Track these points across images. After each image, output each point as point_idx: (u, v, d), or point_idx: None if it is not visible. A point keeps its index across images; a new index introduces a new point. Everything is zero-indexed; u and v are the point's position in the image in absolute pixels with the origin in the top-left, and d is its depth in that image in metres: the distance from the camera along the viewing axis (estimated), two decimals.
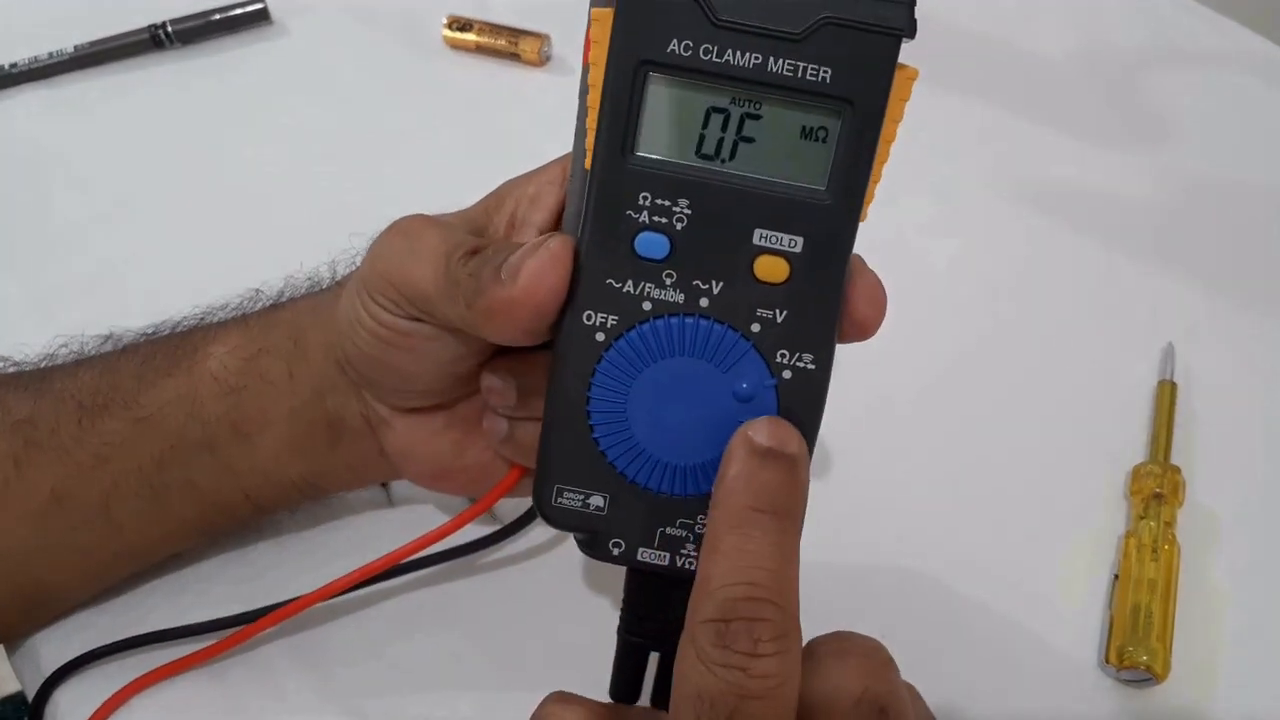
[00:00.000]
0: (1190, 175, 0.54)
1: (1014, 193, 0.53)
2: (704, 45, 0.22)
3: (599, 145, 0.23)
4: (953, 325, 0.47)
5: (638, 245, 0.23)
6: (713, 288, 0.23)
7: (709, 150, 0.23)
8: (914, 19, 0.22)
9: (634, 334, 0.24)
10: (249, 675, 0.36)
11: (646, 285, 0.23)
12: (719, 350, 0.24)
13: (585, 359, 0.24)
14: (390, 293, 0.30)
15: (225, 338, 0.34)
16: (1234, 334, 0.46)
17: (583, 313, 0.24)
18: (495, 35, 0.58)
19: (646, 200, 0.23)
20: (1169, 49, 0.61)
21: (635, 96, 0.22)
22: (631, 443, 0.24)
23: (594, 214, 0.23)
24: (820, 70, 0.22)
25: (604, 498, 0.25)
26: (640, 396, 0.24)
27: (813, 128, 0.23)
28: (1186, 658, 0.36)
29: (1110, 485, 0.41)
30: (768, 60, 0.22)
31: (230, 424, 0.33)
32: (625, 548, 0.25)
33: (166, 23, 0.57)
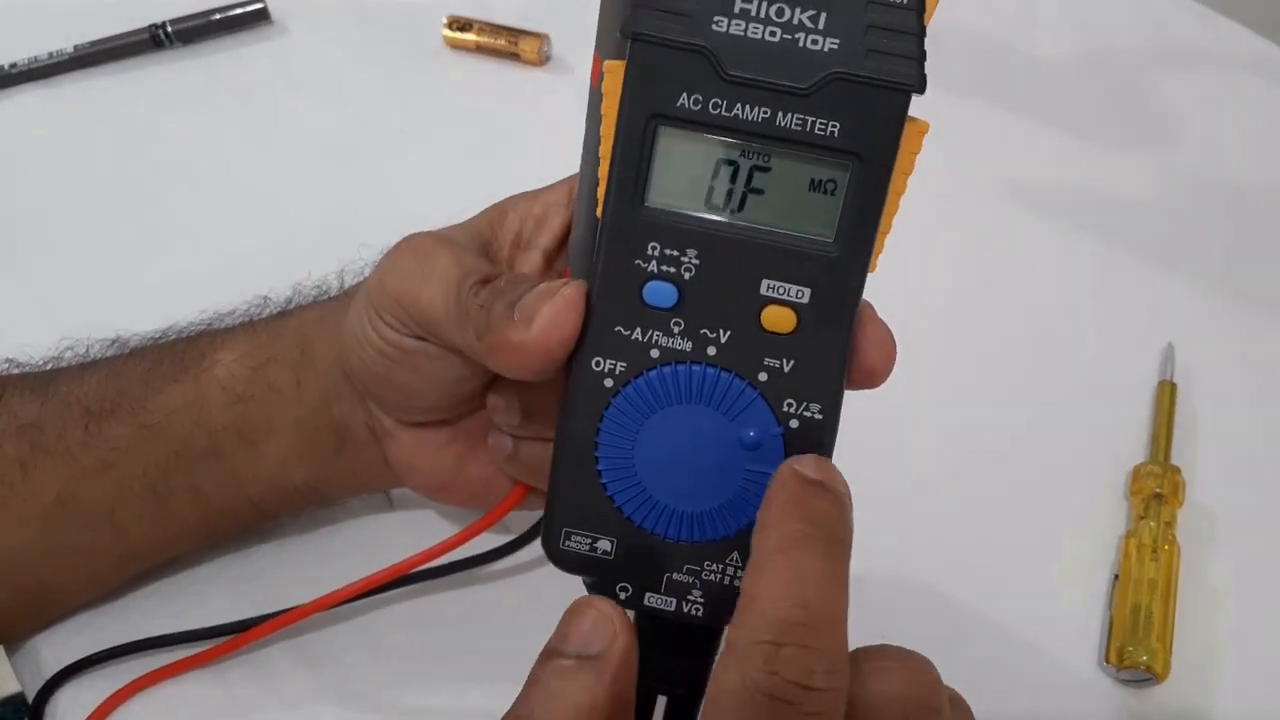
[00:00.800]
0: (1190, 175, 0.54)
1: (1014, 192, 0.53)
2: (713, 99, 0.22)
3: (609, 195, 0.23)
4: (952, 325, 0.47)
5: (646, 294, 0.23)
6: (720, 336, 0.24)
7: (718, 201, 0.23)
8: (924, 75, 0.22)
9: (641, 381, 0.24)
10: (248, 675, 0.36)
11: (655, 333, 0.24)
12: (726, 398, 0.24)
13: (593, 404, 0.24)
14: (398, 312, 0.30)
15: (233, 345, 0.34)
16: (1234, 334, 0.46)
17: (591, 359, 0.24)
18: (495, 35, 0.58)
19: (655, 250, 0.23)
20: (1169, 49, 0.61)
21: (646, 148, 0.23)
22: (639, 488, 0.24)
23: (604, 262, 0.23)
24: (829, 125, 0.22)
25: (611, 542, 0.25)
26: (647, 443, 0.24)
27: (821, 180, 0.23)
28: (1186, 658, 0.36)
29: (1110, 485, 0.41)
30: (776, 114, 0.22)
31: (237, 431, 0.33)
32: (632, 592, 0.25)
33: (166, 23, 0.57)
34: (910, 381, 0.44)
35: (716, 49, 0.22)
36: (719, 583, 0.25)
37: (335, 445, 0.34)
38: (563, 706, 0.22)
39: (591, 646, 0.22)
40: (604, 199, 0.23)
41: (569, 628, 0.23)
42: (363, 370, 0.32)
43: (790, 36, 0.22)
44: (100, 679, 0.35)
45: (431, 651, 0.37)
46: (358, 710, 0.35)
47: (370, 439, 0.34)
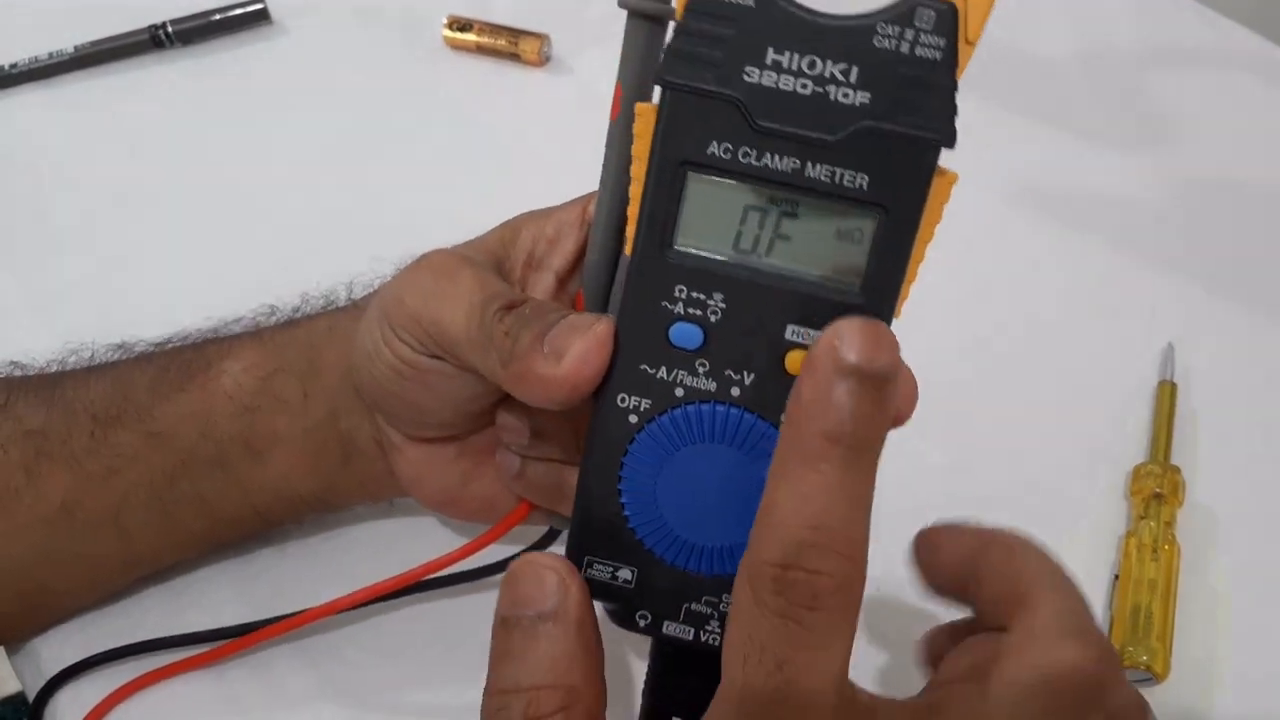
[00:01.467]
0: (1190, 175, 0.54)
1: (1013, 192, 0.53)
2: (743, 148, 0.22)
3: (639, 237, 0.23)
4: (952, 325, 0.47)
5: (672, 335, 0.24)
6: (744, 378, 0.24)
7: (745, 246, 0.23)
8: (954, 129, 0.22)
9: (666, 418, 0.24)
10: (248, 673, 0.36)
11: (679, 373, 0.24)
12: (748, 439, 0.24)
13: (618, 439, 0.25)
14: (415, 330, 0.29)
15: (240, 354, 0.34)
16: (1234, 334, 0.46)
17: (617, 395, 0.24)
18: (495, 35, 0.58)
19: (683, 293, 0.23)
20: (1169, 49, 0.61)
21: (675, 193, 0.23)
22: (660, 522, 0.25)
23: (632, 302, 0.24)
24: (858, 177, 0.22)
25: (632, 571, 0.25)
26: (670, 478, 0.24)
27: (848, 229, 0.23)
28: (1186, 657, 0.36)
29: (1110, 485, 0.41)
30: (805, 165, 0.22)
31: (243, 442, 0.33)
32: (651, 620, 0.25)
33: (166, 23, 0.57)
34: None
35: (748, 99, 0.22)
36: None
37: (342, 457, 0.34)
38: (541, 667, 0.22)
39: (548, 604, 0.23)
40: (633, 239, 0.23)
41: (517, 592, 0.23)
42: (374, 386, 0.31)
43: (821, 89, 0.22)
44: (101, 679, 0.35)
45: (433, 651, 0.37)
46: (358, 709, 0.35)
47: (377, 452, 0.34)
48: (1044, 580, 0.25)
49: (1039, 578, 0.25)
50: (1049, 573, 0.25)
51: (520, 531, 0.34)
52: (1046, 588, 0.24)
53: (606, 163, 0.28)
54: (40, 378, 0.36)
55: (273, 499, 0.34)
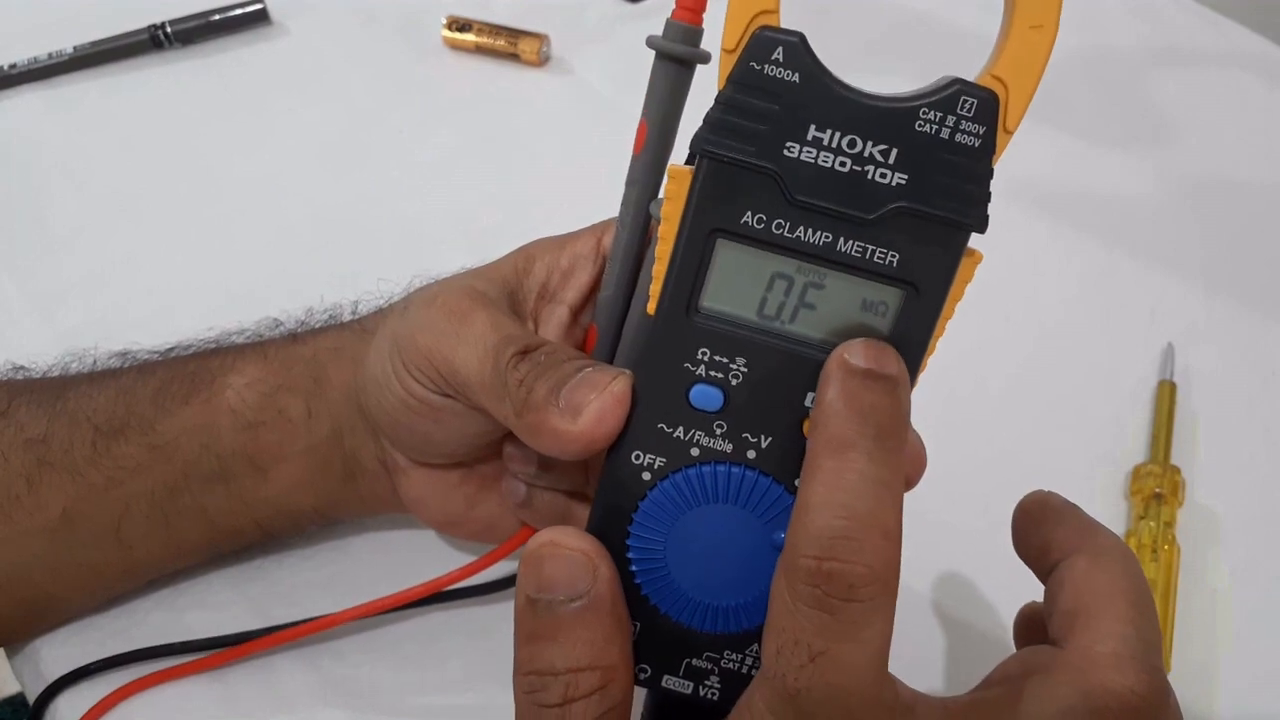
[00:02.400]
0: (1190, 175, 0.54)
1: (1013, 192, 0.53)
2: (777, 220, 0.22)
3: (665, 296, 0.23)
4: (952, 325, 0.47)
5: (692, 396, 0.24)
6: (761, 441, 0.24)
7: (770, 312, 0.23)
8: (987, 215, 0.23)
9: (679, 476, 0.24)
10: (247, 675, 0.36)
11: (697, 433, 0.24)
12: (762, 501, 0.24)
13: (629, 495, 0.24)
14: (429, 370, 0.29)
15: (244, 369, 0.34)
16: (1234, 334, 0.46)
17: (632, 451, 0.24)
18: (494, 35, 0.58)
19: (705, 355, 0.23)
20: (1169, 49, 0.61)
21: (705, 257, 0.23)
22: (667, 579, 0.25)
23: (653, 361, 0.24)
24: (889, 255, 0.22)
25: (635, 625, 0.25)
26: (679, 536, 0.24)
27: (874, 301, 0.23)
28: (1186, 658, 0.36)
29: (1110, 485, 0.41)
30: (838, 240, 0.22)
31: (246, 457, 0.33)
32: (651, 673, 0.25)
33: (166, 23, 0.57)
34: None
35: (786, 173, 0.22)
36: (736, 671, 0.25)
37: (345, 475, 0.34)
38: (577, 649, 0.23)
39: (578, 587, 0.23)
40: (657, 298, 0.23)
41: (543, 574, 0.23)
42: (382, 413, 0.31)
43: (860, 168, 0.22)
44: (100, 684, 0.35)
45: (434, 656, 0.37)
46: (359, 712, 0.35)
47: (381, 470, 0.34)
48: (1116, 600, 0.24)
49: (1112, 597, 0.24)
50: (1124, 592, 0.24)
51: None
52: (1115, 609, 0.24)
53: (626, 200, 0.28)
54: (42, 384, 0.36)
55: (274, 513, 0.34)
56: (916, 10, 0.62)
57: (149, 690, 0.35)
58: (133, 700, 0.35)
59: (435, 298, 0.30)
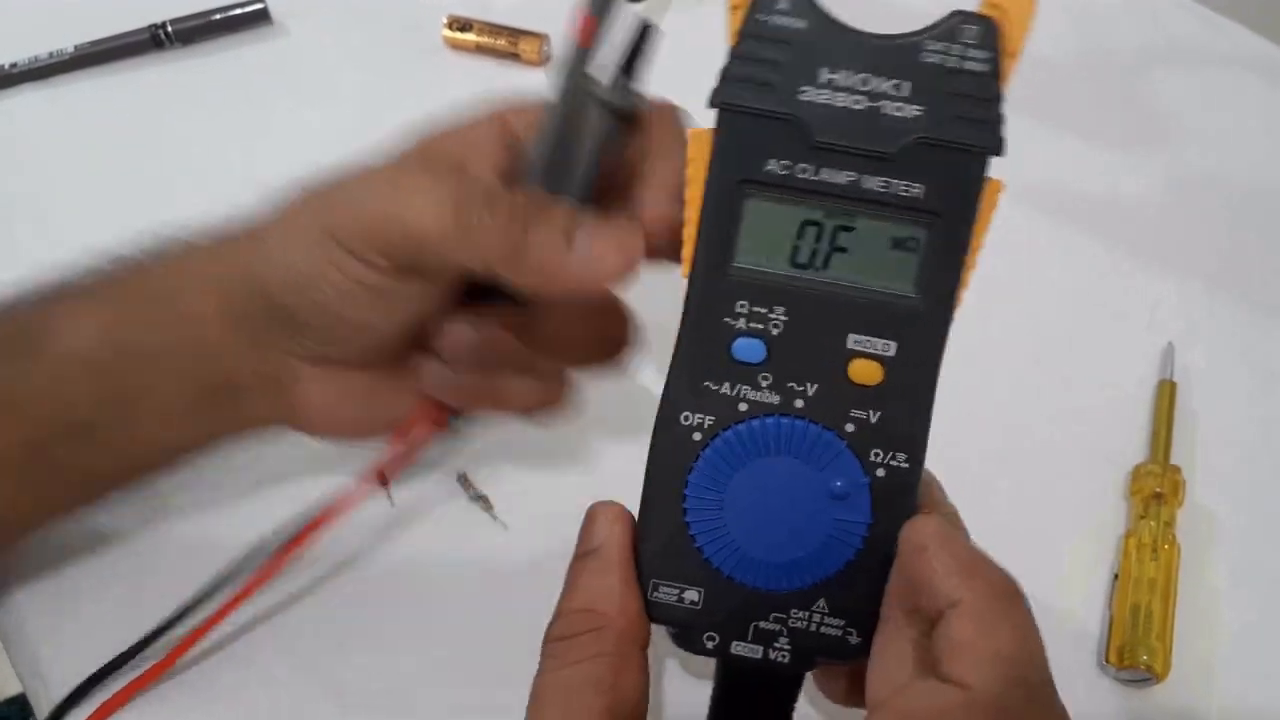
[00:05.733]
0: (1190, 175, 0.54)
1: (1013, 192, 0.52)
2: (801, 165, 0.23)
3: (699, 256, 0.24)
4: (951, 325, 0.47)
5: (735, 350, 0.24)
6: (808, 389, 0.24)
7: (803, 260, 0.24)
8: (1002, 138, 0.23)
9: (730, 433, 0.24)
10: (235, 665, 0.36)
11: (743, 387, 0.24)
12: (814, 449, 0.24)
13: (682, 457, 0.25)
14: (377, 242, 0.28)
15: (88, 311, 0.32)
16: (1234, 334, 0.46)
17: (681, 413, 0.24)
18: (495, 35, 0.58)
19: (744, 308, 0.24)
20: (1168, 49, 0.61)
21: (734, 212, 0.23)
22: (727, 539, 0.25)
23: (693, 320, 0.24)
24: (913, 187, 0.23)
25: (699, 592, 0.25)
26: (736, 494, 0.24)
27: (904, 238, 0.23)
28: (1186, 657, 0.36)
29: (1110, 485, 0.41)
30: (862, 177, 0.23)
31: (105, 403, 0.31)
32: (719, 641, 0.25)
33: (166, 23, 0.57)
34: None
35: (805, 117, 0.23)
36: (806, 629, 0.25)
37: (220, 400, 0.32)
38: (580, 595, 0.25)
39: (595, 541, 0.25)
40: (692, 260, 0.24)
41: (582, 532, 0.26)
42: (314, 312, 0.30)
43: (875, 104, 0.23)
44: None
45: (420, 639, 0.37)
46: (337, 686, 0.35)
47: (263, 387, 0.32)
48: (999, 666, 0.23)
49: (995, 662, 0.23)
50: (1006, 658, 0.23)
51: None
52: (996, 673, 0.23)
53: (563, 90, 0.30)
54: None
55: (149, 453, 0.33)
56: (915, 10, 0.62)
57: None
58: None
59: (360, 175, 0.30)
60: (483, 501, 0.40)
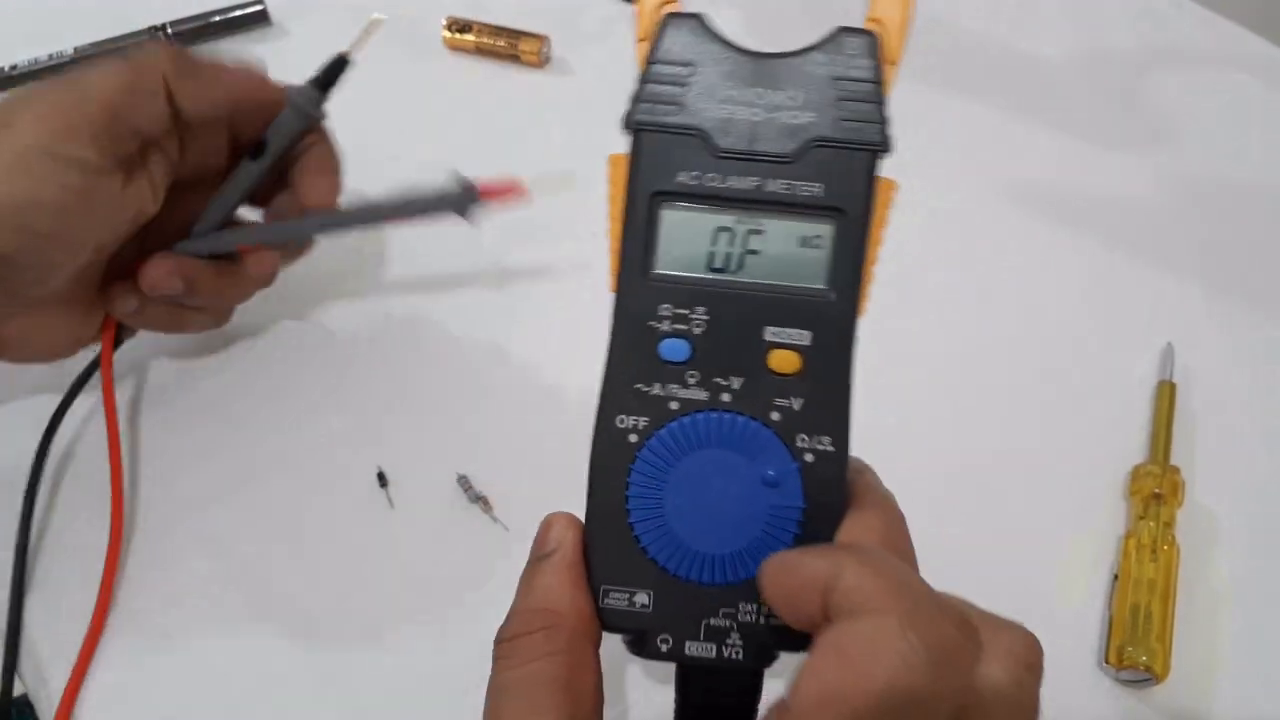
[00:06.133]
0: (1189, 175, 0.54)
1: (1013, 193, 0.53)
2: (709, 174, 0.25)
3: (623, 267, 0.25)
4: (952, 325, 0.47)
5: (662, 350, 0.25)
6: (733, 383, 0.25)
7: (719, 264, 0.25)
8: (888, 136, 0.25)
9: (664, 432, 0.25)
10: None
11: (672, 386, 0.25)
12: (744, 439, 0.25)
13: (621, 460, 0.25)
14: (79, 133, 0.33)
15: None
16: (1233, 334, 0.46)
17: (615, 417, 0.25)
18: (495, 37, 0.58)
19: (668, 311, 0.25)
20: (1168, 50, 0.61)
21: (652, 222, 0.25)
22: (670, 536, 0.25)
23: (621, 327, 0.25)
24: (813, 185, 0.25)
25: (649, 595, 0.25)
26: (675, 490, 0.25)
27: (810, 236, 0.25)
28: (1186, 658, 0.36)
29: (1110, 486, 0.41)
30: (765, 181, 0.25)
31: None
32: (673, 644, 0.25)
33: (166, 24, 0.58)
34: (909, 381, 0.44)
35: (709, 129, 0.25)
36: (754, 623, 0.25)
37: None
38: (533, 596, 0.25)
39: (548, 547, 0.26)
40: (617, 273, 0.25)
41: (535, 541, 0.26)
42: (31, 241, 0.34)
43: (771, 114, 0.25)
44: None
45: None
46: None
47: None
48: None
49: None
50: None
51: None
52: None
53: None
54: None
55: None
56: (923, 13, 0.62)
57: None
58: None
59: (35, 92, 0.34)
60: (482, 503, 0.40)
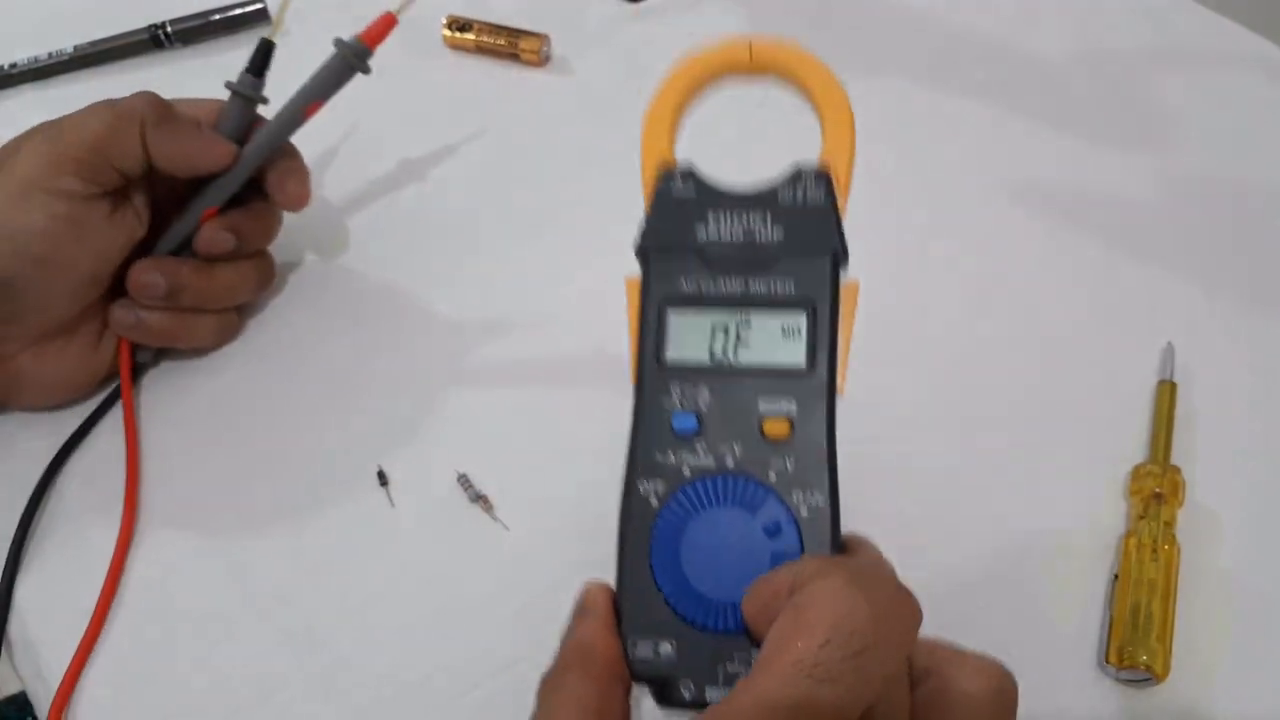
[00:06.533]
0: (1190, 175, 0.54)
1: (1013, 193, 0.53)
2: (704, 282, 0.31)
3: (641, 361, 0.31)
4: (952, 325, 0.47)
5: (674, 424, 0.30)
6: (735, 449, 0.29)
7: (718, 352, 0.30)
8: (845, 246, 0.30)
9: (679, 494, 0.29)
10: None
11: (684, 454, 0.29)
12: (747, 497, 0.29)
13: (644, 521, 0.29)
14: (66, 169, 0.37)
15: None
16: (1233, 333, 0.47)
17: (639, 485, 0.29)
18: (495, 35, 0.58)
19: (677, 390, 0.30)
20: (1168, 50, 0.61)
21: (662, 323, 0.31)
22: (688, 588, 0.28)
23: (640, 407, 0.30)
24: (787, 285, 0.30)
25: (671, 644, 0.28)
26: (690, 546, 0.29)
27: (789, 325, 0.30)
28: (1186, 657, 0.36)
29: (1110, 485, 0.41)
30: (749, 285, 0.30)
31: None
32: (695, 689, 0.28)
33: (166, 23, 0.58)
34: (909, 380, 0.45)
35: (702, 249, 0.31)
36: None
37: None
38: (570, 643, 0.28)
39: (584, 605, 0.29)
40: (635, 367, 0.31)
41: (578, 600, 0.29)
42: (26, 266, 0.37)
43: (750, 234, 0.31)
44: None
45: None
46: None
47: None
48: None
49: None
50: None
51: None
52: None
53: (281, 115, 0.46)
54: None
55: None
56: (915, 12, 0.62)
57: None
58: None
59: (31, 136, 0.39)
60: (483, 502, 0.40)
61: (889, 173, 0.54)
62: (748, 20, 0.61)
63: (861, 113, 0.29)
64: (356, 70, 0.44)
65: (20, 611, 0.38)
